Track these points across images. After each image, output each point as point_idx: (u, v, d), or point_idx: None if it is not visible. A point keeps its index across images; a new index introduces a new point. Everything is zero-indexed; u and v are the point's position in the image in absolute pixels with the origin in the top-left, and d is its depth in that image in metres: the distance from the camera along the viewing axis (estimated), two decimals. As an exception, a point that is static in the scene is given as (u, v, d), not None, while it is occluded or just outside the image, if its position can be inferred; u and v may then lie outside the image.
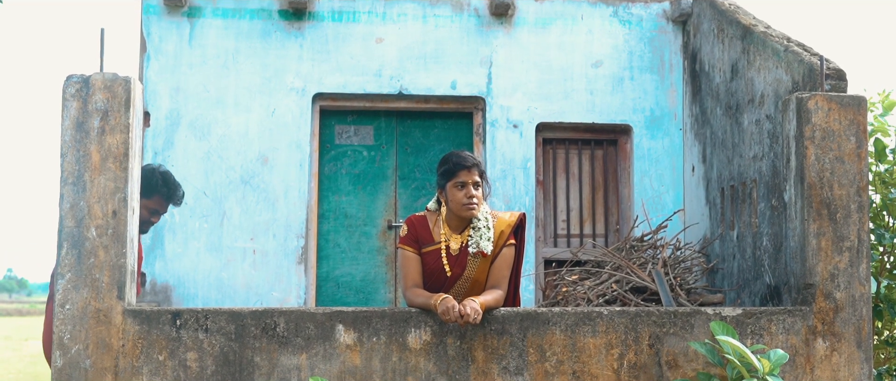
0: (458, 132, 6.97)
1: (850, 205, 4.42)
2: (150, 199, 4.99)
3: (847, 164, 4.44)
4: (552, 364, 4.22)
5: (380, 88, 6.75)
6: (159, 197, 5.04)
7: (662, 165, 6.90)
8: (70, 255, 4.08)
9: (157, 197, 5.02)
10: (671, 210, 6.73)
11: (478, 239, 4.29)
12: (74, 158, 4.12)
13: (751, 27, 5.78)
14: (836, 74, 4.91)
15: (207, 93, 6.57)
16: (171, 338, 4.11)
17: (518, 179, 6.76)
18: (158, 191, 5.02)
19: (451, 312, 3.97)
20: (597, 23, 6.96)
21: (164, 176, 5.06)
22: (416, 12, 6.84)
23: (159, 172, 5.06)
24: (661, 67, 6.96)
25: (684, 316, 4.30)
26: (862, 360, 4.37)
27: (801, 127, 4.46)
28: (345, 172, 6.85)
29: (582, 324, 4.25)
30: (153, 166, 5.07)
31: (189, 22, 6.65)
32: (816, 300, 4.37)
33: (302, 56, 6.71)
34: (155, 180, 5.00)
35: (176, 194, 5.12)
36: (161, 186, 5.03)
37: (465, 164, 4.24)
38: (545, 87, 6.85)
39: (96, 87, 4.15)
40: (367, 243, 6.81)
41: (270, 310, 4.18)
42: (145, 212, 5.01)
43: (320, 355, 4.14)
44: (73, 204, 4.10)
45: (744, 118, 5.75)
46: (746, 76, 5.75)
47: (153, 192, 4.99)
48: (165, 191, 5.05)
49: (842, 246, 4.40)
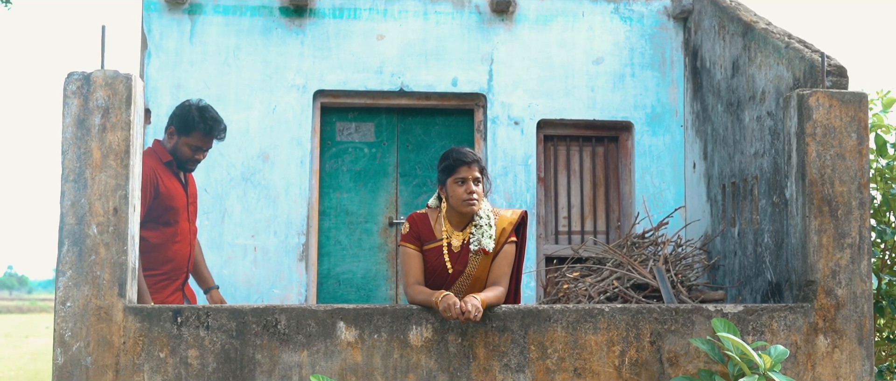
0: (459, 129, 6.97)
1: (851, 201, 4.42)
2: (189, 136, 4.88)
3: (848, 160, 4.44)
4: (553, 361, 4.22)
5: (381, 84, 6.75)
6: (199, 133, 4.89)
7: (663, 161, 6.90)
8: (71, 252, 4.08)
9: (196, 133, 4.88)
10: (672, 207, 6.73)
11: (479, 236, 4.30)
12: (75, 155, 4.12)
13: (752, 24, 5.77)
14: (837, 70, 4.91)
15: (208, 90, 6.57)
16: (172, 335, 4.11)
17: (519, 176, 6.76)
18: (196, 127, 4.88)
19: (452, 309, 3.98)
20: (598, 20, 6.95)
21: (202, 111, 4.91)
22: (417, 9, 6.84)
23: (196, 107, 4.92)
24: (662, 63, 6.96)
25: (686, 313, 4.30)
26: (863, 357, 4.37)
27: (803, 124, 4.46)
28: (346, 169, 6.85)
29: (583, 321, 4.25)
30: (190, 102, 4.95)
31: (190, 19, 6.64)
32: (818, 297, 4.37)
33: (303, 53, 6.70)
34: (191, 116, 4.88)
35: (217, 128, 4.94)
36: (198, 121, 4.89)
37: (465, 160, 4.25)
38: (546, 83, 6.85)
39: (97, 84, 4.15)
40: (368, 240, 6.81)
41: (271, 307, 4.18)
42: (187, 150, 4.90)
43: (321, 352, 4.14)
44: (75, 201, 4.10)
45: (745, 115, 5.75)
46: (747, 73, 5.75)
47: (191, 128, 4.88)
48: (203, 126, 4.89)
49: (843, 243, 4.40)
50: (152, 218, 4.84)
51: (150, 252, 4.84)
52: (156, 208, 4.85)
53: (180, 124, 4.90)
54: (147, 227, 4.80)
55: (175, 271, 4.98)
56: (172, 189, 4.93)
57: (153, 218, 4.85)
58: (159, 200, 4.85)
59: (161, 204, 4.87)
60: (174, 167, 4.98)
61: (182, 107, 4.92)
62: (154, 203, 4.84)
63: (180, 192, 4.99)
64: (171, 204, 4.91)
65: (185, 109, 4.90)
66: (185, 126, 4.86)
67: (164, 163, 4.95)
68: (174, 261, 4.96)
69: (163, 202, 4.87)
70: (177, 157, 4.96)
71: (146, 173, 4.77)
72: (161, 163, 4.95)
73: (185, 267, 5.08)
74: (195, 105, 4.92)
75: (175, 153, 4.96)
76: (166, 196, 4.88)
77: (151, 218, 4.84)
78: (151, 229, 4.84)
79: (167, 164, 4.96)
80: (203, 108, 4.92)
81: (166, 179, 4.91)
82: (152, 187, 4.81)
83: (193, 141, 4.90)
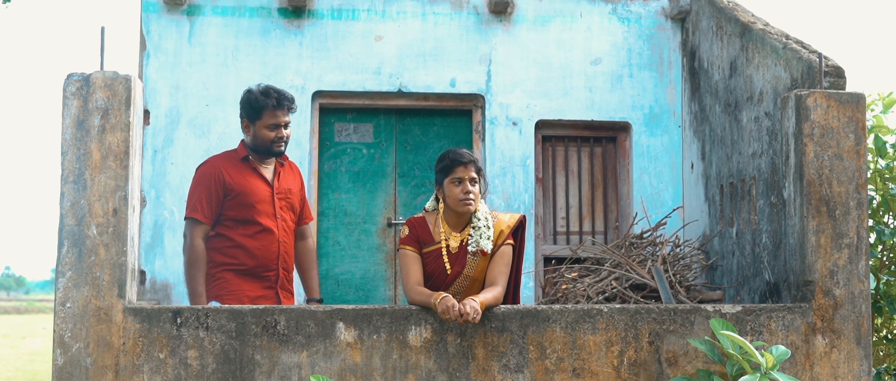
0: (457, 130, 6.98)
1: (849, 202, 4.43)
2: (260, 118, 4.71)
3: (846, 161, 4.45)
4: (552, 362, 4.23)
5: (379, 85, 6.75)
6: (268, 110, 4.70)
7: (661, 162, 6.91)
8: (71, 253, 4.09)
9: (266, 112, 4.70)
10: (670, 207, 6.74)
11: (477, 238, 4.32)
12: (75, 156, 4.13)
13: (749, 24, 5.78)
14: (835, 71, 4.92)
15: (207, 91, 6.58)
16: (171, 336, 4.11)
17: (517, 177, 6.77)
18: (263, 106, 4.70)
19: (450, 311, 3.99)
20: (596, 20, 6.96)
21: (263, 90, 4.73)
22: (416, 10, 6.84)
23: (257, 89, 4.76)
24: (660, 64, 6.97)
25: (684, 313, 4.31)
26: (861, 357, 4.38)
27: (800, 124, 4.47)
28: (344, 170, 6.86)
29: (582, 321, 4.26)
30: (251, 87, 4.80)
31: (189, 20, 6.65)
32: (816, 297, 4.38)
33: (301, 54, 6.71)
34: (254, 98, 4.72)
35: (284, 98, 4.74)
36: (262, 99, 4.70)
37: (461, 160, 4.29)
38: (544, 84, 6.86)
39: (97, 85, 4.15)
40: (366, 240, 6.82)
41: (271, 308, 4.19)
42: (267, 132, 4.72)
43: (321, 352, 4.15)
44: (74, 202, 4.11)
45: (743, 115, 5.76)
46: (745, 73, 5.76)
47: (260, 110, 4.71)
48: (270, 102, 4.70)
49: (841, 243, 4.41)
50: (231, 216, 4.72)
51: (233, 249, 4.71)
52: (233, 206, 4.71)
53: (248, 111, 4.74)
54: (225, 225, 4.71)
55: (260, 268, 4.75)
56: (247, 185, 4.74)
57: (231, 216, 4.72)
58: (232, 197, 4.71)
59: (237, 202, 4.71)
60: (254, 164, 4.81)
61: (245, 94, 4.78)
62: (229, 202, 4.71)
63: (260, 187, 4.78)
64: (247, 201, 4.72)
65: (246, 96, 4.76)
66: (253, 111, 4.70)
67: (241, 160, 4.80)
68: (258, 258, 4.74)
69: (238, 200, 4.71)
70: (259, 147, 4.78)
71: (211, 172, 4.68)
72: (235, 161, 4.79)
73: (276, 266, 4.81)
74: (255, 88, 4.77)
75: (256, 144, 4.78)
76: (240, 193, 4.71)
77: (230, 216, 4.72)
78: (231, 227, 4.72)
79: (244, 160, 4.80)
80: (264, 87, 4.76)
81: (238, 176, 4.75)
82: (220, 186, 4.69)
83: (267, 120, 4.71)
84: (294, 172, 5.03)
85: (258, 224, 4.74)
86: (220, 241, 4.73)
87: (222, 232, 4.73)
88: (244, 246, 4.72)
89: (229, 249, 4.71)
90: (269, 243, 4.77)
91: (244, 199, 4.73)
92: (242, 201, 4.73)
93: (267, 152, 4.80)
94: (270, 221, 4.79)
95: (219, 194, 4.70)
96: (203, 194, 4.70)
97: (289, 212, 4.90)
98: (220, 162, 4.79)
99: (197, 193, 4.73)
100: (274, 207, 4.81)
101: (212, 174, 4.71)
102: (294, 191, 4.95)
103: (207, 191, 4.68)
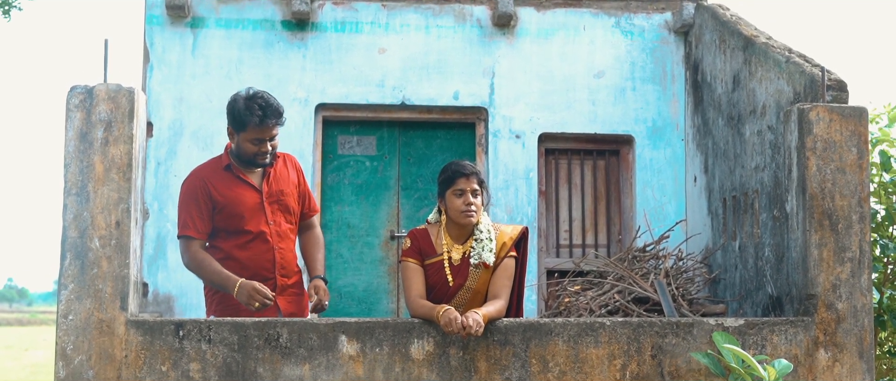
0: (460, 143, 6.98)
1: (851, 216, 4.43)
2: (245, 131, 4.40)
3: (848, 174, 4.45)
4: (555, 375, 4.22)
5: (382, 98, 6.77)
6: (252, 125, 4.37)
7: (664, 175, 6.91)
8: (73, 265, 4.09)
9: (250, 127, 4.38)
10: (673, 221, 6.73)
11: (480, 250, 4.31)
12: (78, 168, 4.13)
13: (752, 38, 5.79)
14: (838, 85, 4.93)
15: (210, 103, 6.59)
16: (174, 349, 4.11)
17: (520, 190, 6.77)
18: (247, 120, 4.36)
19: (453, 324, 3.98)
20: (599, 33, 6.97)
21: (249, 101, 4.38)
22: (419, 23, 6.86)
23: (243, 98, 4.40)
24: (663, 77, 6.97)
25: (686, 327, 4.30)
26: (864, 371, 4.36)
27: (803, 138, 4.47)
28: (347, 183, 6.86)
29: (584, 335, 4.26)
30: (238, 93, 4.44)
31: (192, 32, 6.67)
32: (818, 311, 4.37)
33: (305, 66, 6.72)
34: (238, 109, 4.39)
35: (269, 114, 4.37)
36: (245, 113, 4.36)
37: (463, 172, 4.28)
38: (547, 97, 6.86)
39: (100, 97, 4.16)
40: (369, 253, 6.81)
41: (273, 321, 4.18)
42: (250, 146, 4.43)
43: (323, 365, 4.14)
44: (77, 215, 4.11)
45: (745, 129, 5.76)
46: (748, 87, 5.76)
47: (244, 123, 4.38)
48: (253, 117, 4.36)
49: (843, 257, 4.41)
50: (221, 227, 4.52)
51: (226, 261, 4.49)
52: (222, 218, 4.52)
53: (233, 121, 4.44)
54: (218, 236, 4.53)
55: (255, 279, 4.41)
56: (233, 196, 4.52)
57: (222, 227, 4.52)
58: (219, 210, 4.51)
59: (226, 214, 4.51)
60: (239, 172, 4.55)
61: (231, 101, 4.44)
62: (218, 215, 4.51)
63: (246, 195, 4.54)
64: (235, 211, 4.50)
65: (232, 104, 4.43)
66: (237, 122, 4.40)
67: (224, 168, 4.56)
68: (250, 269, 4.49)
69: (226, 212, 4.51)
70: (241, 157, 4.53)
71: (197, 184, 4.48)
72: (219, 170, 4.57)
73: (273, 275, 4.57)
74: (242, 96, 4.41)
75: (238, 154, 4.53)
76: (226, 205, 4.50)
77: (220, 227, 4.52)
78: (224, 238, 4.53)
79: (227, 168, 4.55)
80: (251, 96, 4.39)
81: (223, 188, 4.52)
82: (207, 198, 4.48)
83: (250, 135, 4.41)
84: (289, 167, 4.74)
85: (248, 233, 4.52)
86: (212, 252, 4.54)
87: (214, 244, 4.56)
88: (236, 258, 4.50)
89: (222, 261, 4.49)
90: (262, 251, 4.55)
91: (232, 210, 4.51)
92: (231, 212, 4.51)
93: (250, 164, 4.56)
94: (263, 227, 4.56)
95: (208, 205, 4.49)
96: (193, 209, 4.48)
97: (284, 214, 4.65)
98: (204, 174, 4.56)
99: (186, 209, 4.50)
100: (265, 212, 4.57)
101: (198, 187, 4.50)
102: (288, 191, 4.67)
103: (197, 205, 4.48)
